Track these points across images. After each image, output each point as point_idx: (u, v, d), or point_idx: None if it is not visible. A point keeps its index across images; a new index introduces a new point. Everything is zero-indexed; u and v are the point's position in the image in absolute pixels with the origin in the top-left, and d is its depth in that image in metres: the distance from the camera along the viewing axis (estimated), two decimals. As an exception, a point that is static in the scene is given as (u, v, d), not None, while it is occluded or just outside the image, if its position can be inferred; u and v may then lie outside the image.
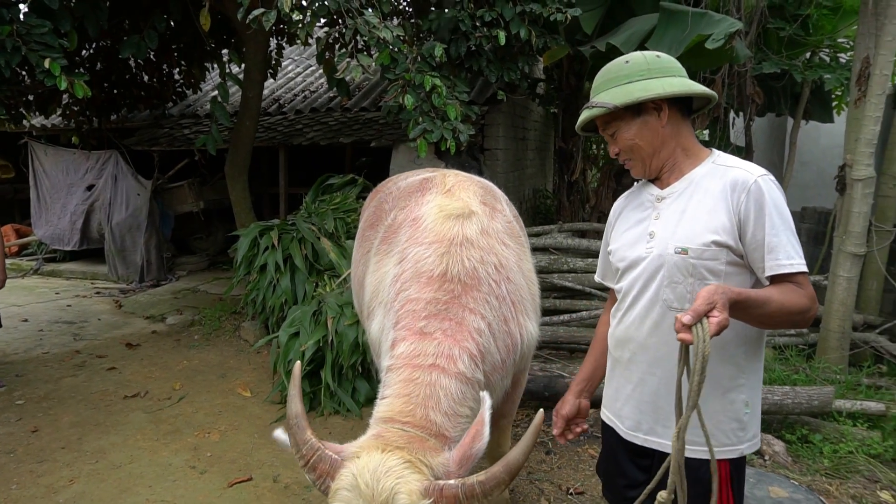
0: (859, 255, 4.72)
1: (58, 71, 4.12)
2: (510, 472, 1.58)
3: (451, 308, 1.99)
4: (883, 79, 4.29)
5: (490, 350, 1.99)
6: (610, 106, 1.66)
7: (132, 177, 8.34)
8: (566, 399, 1.98)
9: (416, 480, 1.55)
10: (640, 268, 1.71)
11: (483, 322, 2.00)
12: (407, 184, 2.80)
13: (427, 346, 1.92)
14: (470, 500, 1.53)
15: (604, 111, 1.68)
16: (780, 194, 1.60)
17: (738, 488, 1.68)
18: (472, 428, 1.70)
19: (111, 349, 5.71)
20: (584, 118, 1.73)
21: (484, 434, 1.67)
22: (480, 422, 1.69)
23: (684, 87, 1.66)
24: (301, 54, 10.64)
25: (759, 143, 9.34)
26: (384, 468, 1.56)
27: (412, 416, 1.75)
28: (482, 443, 1.66)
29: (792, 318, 1.55)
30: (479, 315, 2.00)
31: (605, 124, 1.74)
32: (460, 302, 2.01)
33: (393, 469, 1.56)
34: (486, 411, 1.70)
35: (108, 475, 3.50)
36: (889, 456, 3.56)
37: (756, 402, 1.69)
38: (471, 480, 1.55)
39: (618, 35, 5.24)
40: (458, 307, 2.00)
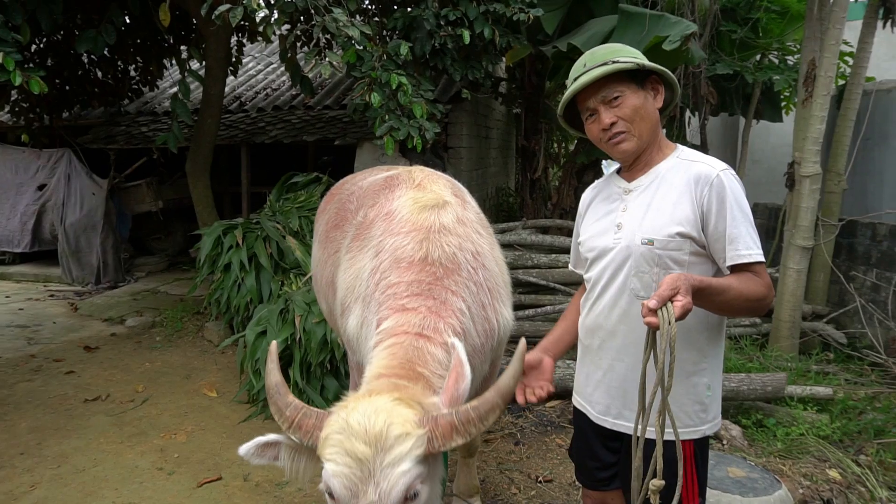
0: (808, 248, 4.95)
1: (12, 66, 3.98)
2: (503, 396, 1.58)
3: (434, 289, 2.01)
4: (827, 80, 4.51)
5: (470, 332, 2.02)
6: (634, 63, 1.67)
7: (86, 176, 8.11)
8: (531, 352, 1.94)
9: (409, 413, 1.54)
10: (609, 258, 1.78)
11: (464, 304, 2.03)
12: (370, 182, 2.82)
13: (412, 318, 1.93)
14: (466, 425, 1.53)
15: (628, 66, 1.67)
16: (740, 188, 1.70)
17: (703, 466, 1.77)
18: (453, 371, 1.71)
19: (68, 353, 5.55)
20: (598, 74, 1.67)
21: (466, 374, 1.68)
22: (459, 363, 1.70)
23: (673, 77, 1.75)
24: (262, 51, 10.51)
25: (714, 141, 9.66)
26: (375, 408, 1.54)
27: (399, 370, 1.76)
28: (466, 382, 1.67)
29: (750, 305, 1.65)
30: (460, 297, 2.03)
31: (606, 89, 1.70)
32: (443, 284, 2.03)
33: (384, 407, 1.54)
34: (461, 352, 1.72)
35: (72, 479, 3.43)
36: (837, 437, 3.76)
37: (717, 385, 1.78)
38: (464, 407, 1.55)
39: (578, 35, 5.36)
40: (440, 289, 2.02)
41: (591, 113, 1.76)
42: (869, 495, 3.16)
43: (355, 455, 1.47)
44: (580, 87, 1.71)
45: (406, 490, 1.48)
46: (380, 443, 1.48)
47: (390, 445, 1.47)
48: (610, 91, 1.70)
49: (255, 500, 3.22)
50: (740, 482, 2.72)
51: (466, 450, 2.83)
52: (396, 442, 1.47)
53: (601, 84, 1.70)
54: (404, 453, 1.47)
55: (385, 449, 1.47)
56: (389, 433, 1.48)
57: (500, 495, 3.17)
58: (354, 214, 2.66)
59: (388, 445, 1.47)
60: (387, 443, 1.48)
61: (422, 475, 1.51)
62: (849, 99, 5.32)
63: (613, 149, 1.76)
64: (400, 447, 1.47)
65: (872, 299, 5.06)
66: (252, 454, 1.66)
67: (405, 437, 1.48)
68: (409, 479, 1.47)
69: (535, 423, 3.94)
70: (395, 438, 1.48)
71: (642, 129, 1.73)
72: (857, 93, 5.28)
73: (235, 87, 9.20)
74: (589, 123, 1.78)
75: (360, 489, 1.46)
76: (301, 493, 3.26)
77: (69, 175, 8.09)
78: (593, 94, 1.72)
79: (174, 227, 9.28)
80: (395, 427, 1.49)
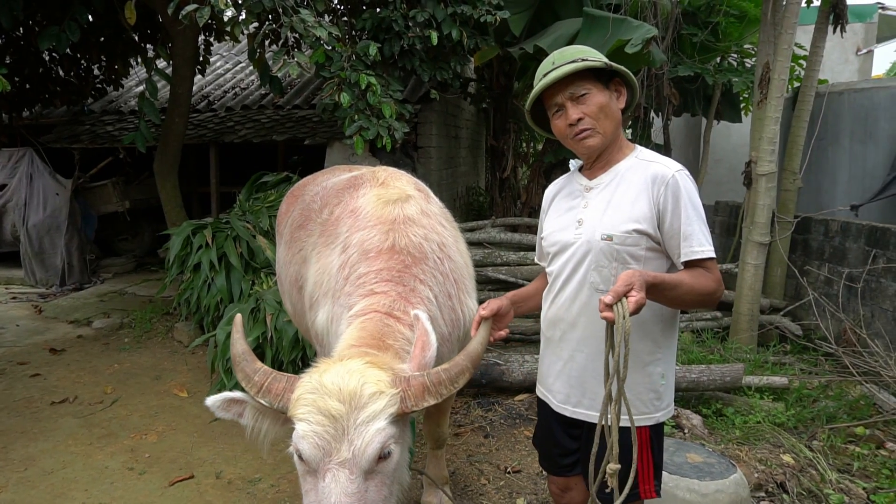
0: (765, 244, 5.15)
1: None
2: (472, 360, 1.66)
3: (404, 277, 2.08)
4: (781, 83, 4.70)
5: (437, 321, 2.08)
6: (602, 62, 1.77)
7: (49, 176, 7.95)
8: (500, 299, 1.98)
9: (382, 374, 1.58)
10: (570, 252, 1.86)
11: (431, 293, 2.09)
12: (334, 182, 2.87)
13: (382, 300, 1.99)
14: (437, 386, 1.58)
15: (593, 65, 1.75)
16: (694, 188, 1.80)
17: (658, 450, 1.87)
18: (418, 340, 1.77)
19: (33, 355, 5.46)
20: (568, 70, 1.74)
21: (431, 342, 1.74)
22: (424, 332, 1.76)
23: (635, 80, 1.85)
24: (230, 51, 10.42)
25: (677, 141, 9.91)
26: (348, 369, 1.57)
27: (369, 340, 1.81)
28: (432, 351, 1.73)
29: (701, 299, 1.75)
30: (427, 286, 2.09)
31: (574, 86, 1.77)
32: (411, 272, 2.10)
33: (357, 368, 1.58)
34: (426, 322, 1.78)
35: (40, 482, 3.40)
36: (791, 424, 3.93)
37: (670, 374, 1.89)
38: (436, 370, 1.60)
39: (544, 38, 5.48)
40: (409, 276, 2.08)
41: (558, 108, 1.83)
42: (820, 478, 3.33)
43: (329, 413, 1.49)
44: (551, 81, 1.77)
45: (381, 447, 1.51)
46: (354, 400, 1.50)
47: (365, 403, 1.50)
48: (577, 88, 1.78)
49: (227, 498, 3.24)
50: (698, 467, 2.84)
51: (435, 441, 2.91)
52: (371, 400, 1.51)
53: (569, 81, 1.77)
54: (379, 410, 1.51)
55: (359, 406, 1.50)
56: (364, 391, 1.51)
57: (470, 486, 3.26)
58: (319, 213, 2.71)
59: (363, 403, 1.50)
60: (361, 400, 1.50)
61: (395, 435, 1.55)
62: (803, 100, 5.54)
63: (579, 145, 1.84)
64: (374, 405, 1.50)
65: (826, 293, 5.28)
66: (218, 407, 1.69)
67: (380, 395, 1.52)
68: (384, 437, 1.52)
69: (505, 416, 4.03)
70: (370, 396, 1.51)
71: (606, 127, 1.81)
72: (810, 94, 5.50)
73: (203, 86, 9.12)
74: (555, 119, 1.85)
75: (332, 447, 1.48)
76: (274, 490, 3.30)
77: (31, 175, 7.92)
78: (561, 90, 1.79)
79: (142, 228, 9.15)
80: (369, 386, 1.52)
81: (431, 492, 2.96)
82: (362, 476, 1.51)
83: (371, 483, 1.53)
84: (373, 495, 1.53)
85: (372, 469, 1.53)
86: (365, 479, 1.52)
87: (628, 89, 1.87)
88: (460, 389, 3.97)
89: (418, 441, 3.76)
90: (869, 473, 3.45)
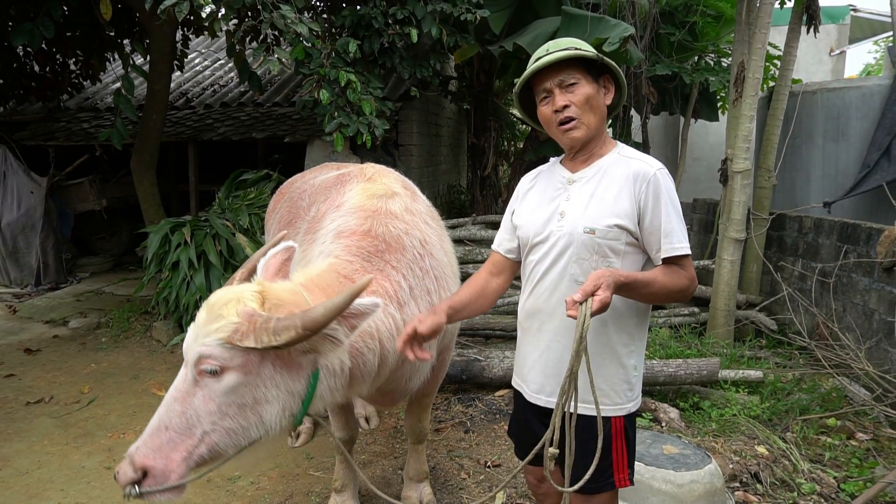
0: (740, 240, 5.24)
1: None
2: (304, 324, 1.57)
3: (374, 259, 2.08)
4: (755, 81, 4.79)
5: (412, 311, 2.08)
6: (593, 54, 1.81)
7: (24, 173, 7.80)
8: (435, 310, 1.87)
9: (243, 305, 1.65)
10: (550, 243, 1.88)
11: (405, 282, 2.09)
12: (322, 180, 2.89)
13: (343, 265, 2.02)
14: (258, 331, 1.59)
15: (586, 55, 1.80)
16: (673, 186, 1.84)
17: (632, 439, 1.91)
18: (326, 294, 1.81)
19: (7, 355, 5.38)
20: (562, 56, 1.78)
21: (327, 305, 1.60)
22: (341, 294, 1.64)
23: (624, 79, 1.90)
24: (209, 47, 10.32)
25: (657, 139, 10.03)
26: (235, 290, 1.71)
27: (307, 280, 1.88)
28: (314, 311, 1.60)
29: (673, 296, 1.81)
30: (401, 274, 2.09)
31: (565, 73, 1.81)
32: (384, 258, 2.10)
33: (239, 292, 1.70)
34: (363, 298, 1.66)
35: (14, 482, 3.36)
36: (766, 416, 4.01)
37: (641, 366, 1.92)
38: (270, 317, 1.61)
39: (524, 36, 5.52)
40: (381, 261, 2.08)
41: (546, 95, 1.86)
42: (792, 468, 3.40)
43: (198, 316, 1.70)
44: (543, 65, 1.81)
45: (198, 358, 1.62)
46: (210, 315, 1.66)
47: (212, 319, 1.65)
48: (568, 76, 1.81)
49: (206, 495, 3.22)
50: (674, 458, 2.89)
51: (416, 437, 2.92)
52: (215, 319, 1.64)
53: (561, 68, 1.81)
54: (213, 330, 1.63)
55: (209, 320, 1.65)
56: (218, 311, 1.65)
57: (450, 480, 3.28)
58: (307, 211, 2.72)
59: (212, 318, 1.65)
60: (212, 315, 1.66)
61: (224, 359, 1.62)
62: (777, 99, 5.65)
63: (563, 135, 1.87)
64: (214, 324, 1.63)
65: (800, 288, 5.39)
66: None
67: (220, 318, 1.64)
68: (206, 352, 1.62)
69: (485, 411, 4.06)
70: (216, 317, 1.64)
71: (591, 120, 1.84)
72: (784, 94, 5.61)
73: (182, 83, 9.03)
74: (542, 105, 1.88)
75: (187, 346, 1.68)
76: (254, 487, 3.29)
77: (4, 173, 7.77)
78: (551, 76, 1.83)
79: (119, 227, 9.03)
80: (225, 308, 1.65)
81: (412, 486, 2.98)
82: (192, 380, 1.65)
83: (199, 392, 1.64)
84: (197, 403, 1.64)
85: (196, 379, 1.65)
86: (194, 384, 1.65)
87: (616, 88, 1.91)
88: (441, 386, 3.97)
89: (400, 437, 3.78)
90: (840, 463, 3.53)
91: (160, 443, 1.62)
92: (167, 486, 1.60)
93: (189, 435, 1.63)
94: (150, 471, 1.60)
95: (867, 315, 4.48)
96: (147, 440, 1.63)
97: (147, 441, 1.63)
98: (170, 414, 1.64)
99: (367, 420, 3.92)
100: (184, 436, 1.62)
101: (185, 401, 1.64)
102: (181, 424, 1.63)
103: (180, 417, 1.63)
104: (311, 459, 3.56)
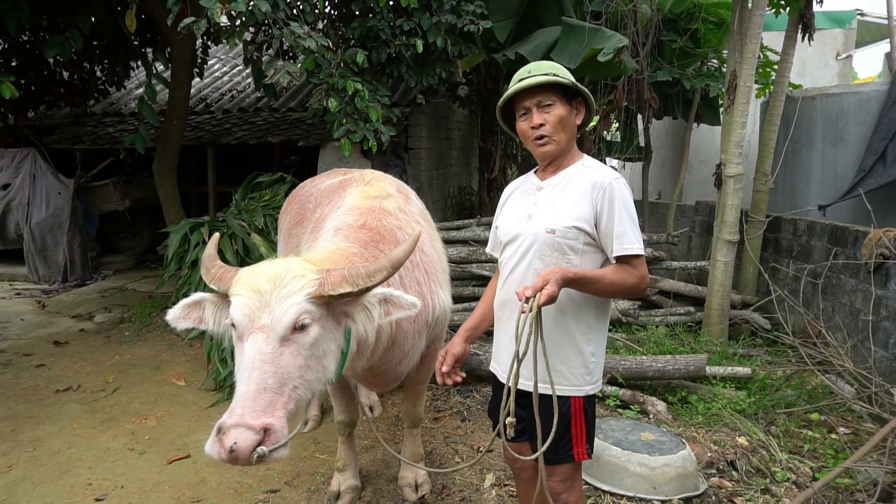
0: (734, 242, 5.41)
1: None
2: (392, 264, 1.94)
3: (370, 247, 2.34)
4: (746, 89, 4.96)
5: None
6: (569, 81, 2.05)
7: (52, 175, 8.21)
8: (455, 342, 2.26)
9: (308, 265, 1.89)
10: (519, 242, 2.14)
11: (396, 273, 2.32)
12: (327, 185, 3.18)
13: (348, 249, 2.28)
14: (354, 277, 1.88)
15: (562, 82, 2.03)
16: (629, 193, 2.08)
17: (591, 418, 2.13)
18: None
19: (38, 347, 5.72)
20: (541, 80, 2.01)
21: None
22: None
23: (593, 101, 2.16)
24: (227, 53, 10.68)
25: (663, 143, 10.18)
26: (281, 262, 1.90)
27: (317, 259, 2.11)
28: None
29: (623, 291, 2.03)
30: None
31: (542, 95, 2.05)
32: (378, 247, 2.36)
33: (290, 261, 1.91)
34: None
35: (47, 461, 3.66)
36: (752, 411, 4.19)
37: (600, 354, 2.15)
38: (356, 265, 1.90)
39: (526, 45, 5.75)
40: (376, 249, 2.34)
41: (525, 112, 2.12)
42: (770, 458, 3.59)
43: (256, 288, 1.82)
44: (524, 87, 2.05)
45: (295, 318, 1.80)
46: (278, 280, 1.83)
47: (287, 282, 1.82)
48: (545, 98, 2.06)
49: (221, 475, 3.50)
50: (650, 444, 3.11)
51: (411, 421, 3.17)
52: (292, 280, 1.82)
53: (539, 90, 2.05)
54: (297, 289, 1.81)
55: (282, 285, 1.82)
56: (287, 274, 1.84)
57: (446, 464, 3.52)
58: (313, 212, 3.01)
59: (285, 283, 1.82)
60: (283, 280, 1.82)
61: (312, 313, 1.84)
62: (773, 105, 5.81)
63: (537, 149, 2.13)
64: (294, 284, 1.82)
65: (793, 289, 5.55)
66: (178, 317, 2.03)
67: (300, 278, 1.83)
68: (299, 310, 1.81)
69: (481, 402, 4.30)
70: (292, 278, 1.83)
71: (562, 138, 2.10)
72: (780, 99, 5.77)
73: (201, 88, 9.38)
74: (521, 120, 2.14)
75: (256, 315, 1.79)
76: (265, 468, 3.56)
77: (34, 174, 8.18)
78: (531, 97, 2.07)
79: (141, 226, 9.42)
80: (293, 271, 1.84)
81: (408, 467, 3.23)
82: (277, 341, 1.78)
83: (287, 349, 1.79)
84: (287, 360, 1.78)
85: (287, 337, 1.80)
86: (280, 345, 1.78)
87: (587, 109, 2.16)
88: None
89: (400, 425, 4.03)
90: (818, 455, 3.71)
91: (265, 403, 1.69)
92: (284, 441, 1.70)
93: (281, 392, 1.74)
94: (270, 428, 1.67)
95: (853, 315, 4.65)
96: (251, 404, 1.68)
97: (251, 405, 1.68)
98: (264, 376, 1.72)
99: (371, 409, 4.18)
100: (279, 394, 1.73)
101: (274, 361, 1.75)
102: (276, 383, 1.73)
103: (274, 377, 1.73)
104: (318, 444, 3.83)
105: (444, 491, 3.23)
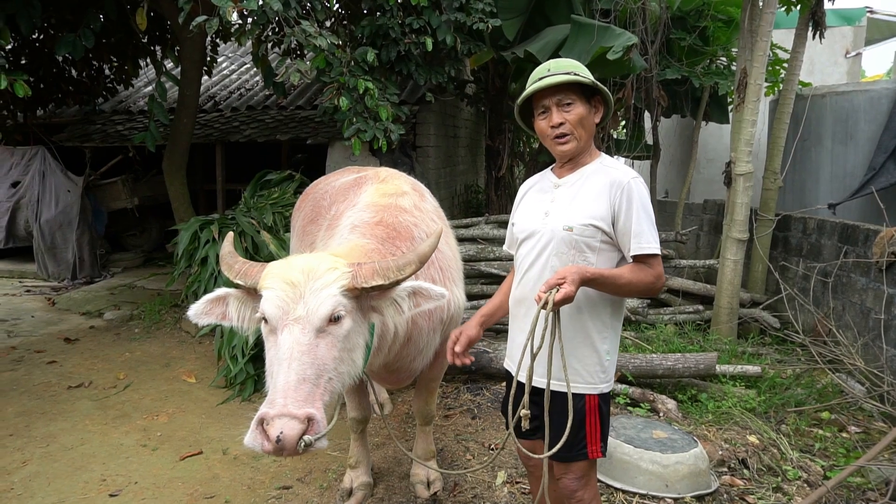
0: (743, 241, 5.40)
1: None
2: (419, 257, 1.99)
3: (386, 244, 2.36)
4: (757, 87, 4.95)
5: None
6: (589, 80, 2.05)
7: (61, 173, 8.25)
8: (471, 324, 2.27)
9: (340, 259, 1.91)
10: (535, 239, 2.14)
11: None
12: (342, 182, 3.18)
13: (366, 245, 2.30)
14: (385, 270, 1.91)
15: (583, 81, 2.03)
16: (646, 193, 2.08)
17: (606, 415, 2.14)
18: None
19: (49, 344, 5.76)
20: (561, 80, 2.01)
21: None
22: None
23: (611, 99, 2.15)
24: (236, 52, 10.71)
25: (672, 141, 10.15)
26: (312, 256, 1.92)
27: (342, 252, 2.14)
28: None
29: (640, 290, 2.04)
30: None
31: (562, 94, 2.04)
32: (395, 243, 2.37)
33: (320, 256, 1.93)
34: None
35: (61, 456, 3.69)
36: (762, 409, 4.19)
37: (614, 352, 2.15)
38: (386, 259, 1.97)
39: (535, 43, 5.74)
40: (392, 245, 2.35)
41: (544, 111, 2.11)
42: (781, 456, 3.59)
43: (290, 280, 1.82)
44: (544, 86, 2.04)
45: (331, 309, 1.81)
46: (312, 273, 1.84)
47: (320, 275, 1.83)
48: (565, 96, 2.05)
49: (233, 471, 3.52)
50: (662, 442, 3.11)
51: (423, 419, 3.18)
52: (326, 273, 1.84)
53: (559, 89, 2.04)
54: (331, 281, 1.83)
55: (316, 277, 1.83)
56: (320, 267, 1.85)
57: (457, 461, 3.53)
58: (328, 210, 3.01)
59: (319, 275, 1.83)
60: (317, 273, 1.84)
61: (345, 305, 1.86)
62: (783, 103, 5.79)
63: (557, 147, 2.12)
64: (328, 276, 1.84)
65: (803, 287, 5.53)
66: (201, 313, 2.00)
67: (333, 270, 1.85)
68: (334, 302, 1.82)
69: (492, 399, 4.30)
70: (325, 271, 1.85)
71: (582, 136, 2.09)
72: (790, 97, 5.74)
73: (210, 86, 9.40)
74: (540, 119, 2.13)
75: (290, 307, 1.80)
76: (276, 464, 3.58)
77: (43, 172, 8.22)
78: (551, 95, 2.06)
79: (150, 224, 9.46)
80: (326, 264, 1.87)
81: (420, 465, 3.24)
82: (314, 332, 1.79)
83: (322, 341, 1.81)
84: (322, 351, 1.80)
85: (323, 328, 1.81)
86: (316, 336, 1.79)
87: (605, 107, 2.15)
88: (452, 376, 4.23)
89: (411, 422, 4.04)
90: (829, 454, 3.71)
91: (305, 393, 1.70)
92: (325, 432, 1.72)
93: (318, 383, 1.76)
94: (312, 418, 1.67)
95: (864, 313, 4.63)
96: (293, 394, 1.68)
97: (293, 394, 1.68)
98: (303, 366, 1.73)
99: (382, 407, 4.19)
100: (316, 385, 1.74)
101: (311, 352, 1.76)
102: (314, 374, 1.74)
103: (312, 367, 1.74)
104: (330, 440, 3.83)
105: (457, 488, 3.25)
